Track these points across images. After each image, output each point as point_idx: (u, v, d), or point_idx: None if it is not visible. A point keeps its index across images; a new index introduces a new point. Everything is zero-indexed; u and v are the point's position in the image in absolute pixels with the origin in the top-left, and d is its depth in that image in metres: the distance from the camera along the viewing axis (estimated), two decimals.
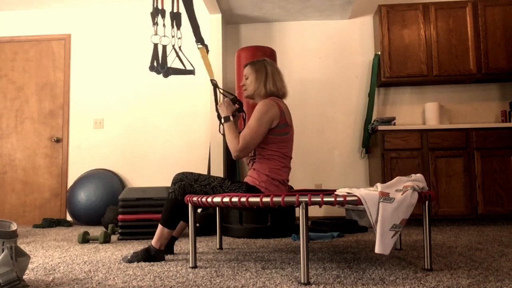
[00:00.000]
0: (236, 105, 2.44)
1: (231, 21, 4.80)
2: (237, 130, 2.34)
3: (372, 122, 4.36)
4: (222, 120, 2.35)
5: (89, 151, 4.88)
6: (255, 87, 2.39)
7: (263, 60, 2.46)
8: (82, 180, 4.59)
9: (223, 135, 2.44)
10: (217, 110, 2.43)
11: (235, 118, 2.43)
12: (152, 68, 2.61)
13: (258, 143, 2.25)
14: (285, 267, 2.09)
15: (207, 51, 2.66)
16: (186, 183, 2.28)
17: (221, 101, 2.45)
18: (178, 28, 2.72)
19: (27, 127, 4.97)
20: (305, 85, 4.71)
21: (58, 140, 4.91)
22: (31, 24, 5.07)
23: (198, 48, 2.61)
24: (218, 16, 4.54)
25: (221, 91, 2.60)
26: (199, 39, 2.61)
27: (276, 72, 2.42)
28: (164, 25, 2.66)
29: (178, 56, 2.71)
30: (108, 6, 5.01)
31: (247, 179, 2.32)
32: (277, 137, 2.28)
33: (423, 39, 4.28)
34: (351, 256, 2.40)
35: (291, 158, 2.37)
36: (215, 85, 2.60)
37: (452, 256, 2.34)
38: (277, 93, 2.40)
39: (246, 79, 2.45)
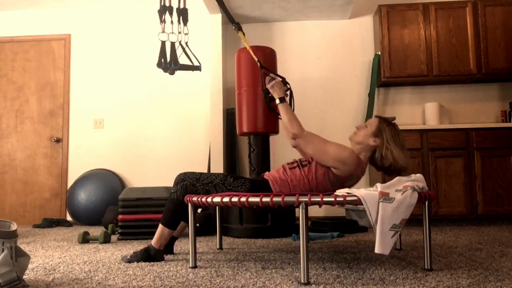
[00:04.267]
0: (287, 85, 2.39)
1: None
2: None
3: None
4: (277, 101, 2.28)
5: (89, 151, 4.88)
6: (374, 146, 2.19)
7: (395, 124, 2.25)
8: (82, 180, 4.59)
9: (275, 114, 2.38)
10: (264, 91, 2.38)
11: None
12: (160, 64, 2.60)
13: (311, 154, 2.18)
14: (285, 267, 2.09)
15: (241, 31, 2.63)
16: (188, 182, 2.27)
17: (268, 82, 2.36)
18: (185, 24, 2.71)
19: (27, 127, 4.97)
20: (305, 85, 4.71)
21: (58, 140, 4.91)
22: (31, 24, 5.07)
23: (239, 35, 2.57)
24: (218, 16, 4.54)
25: (269, 73, 2.52)
26: (234, 22, 2.55)
27: (404, 144, 2.20)
28: (172, 22, 2.65)
29: (185, 52, 2.70)
30: (108, 6, 5.01)
31: (268, 175, 2.30)
32: (326, 179, 2.20)
33: (423, 39, 4.27)
34: (351, 256, 2.40)
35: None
36: (265, 68, 2.50)
37: (452, 256, 2.34)
38: (396, 169, 2.16)
39: (366, 127, 2.25)
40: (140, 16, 4.97)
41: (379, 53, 4.33)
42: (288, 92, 2.41)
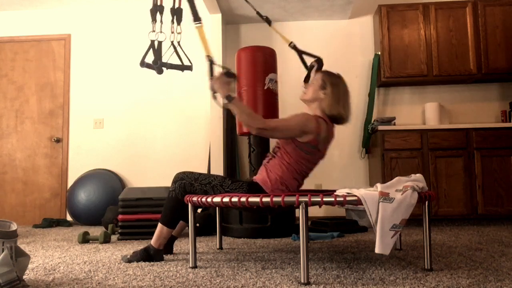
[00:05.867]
0: (233, 77, 2.24)
1: (231, 21, 4.80)
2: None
3: (372, 122, 4.36)
4: (224, 101, 2.16)
5: (89, 151, 4.87)
6: (323, 99, 2.25)
7: (340, 76, 2.33)
8: (82, 180, 4.59)
9: (224, 108, 2.27)
10: (211, 88, 2.24)
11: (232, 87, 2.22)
12: (142, 64, 2.58)
13: (281, 137, 2.22)
14: (285, 267, 2.09)
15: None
16: (187, 182, 2.28)
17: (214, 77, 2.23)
18: (179, 24, 2.71)
19: (27, 127, 4.97)
20: None
21: (58, 140, 4.90)
22: (31, 24, 5.07)
23: (196, 27, 2.43)
24: (218, 16, 4.54)
25: (219, 65, 2.37)
26: (196, 17, 2.45)
27: (348, 95, 2.30)
28: (161, 21, 2.64)
29: (176, 51, 2.70)
30: (108, 5, 5.01)
31: (257, 178, 2.31)
32: (300, 152, 2.22)
33: (423, 39, 4.27)
34: (351, 256, 2.40)
35: (306, 176, 2.33)
36: (211, 61, 2.34)
37: (452, 256, 2.34)
38: (341, 118, 2.26)
39: (312, 83, 2.32)
40: (140, 16, 4.97)
41: (379, 53, 4.33)
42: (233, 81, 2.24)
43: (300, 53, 2.57)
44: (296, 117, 2.19)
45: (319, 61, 2.47)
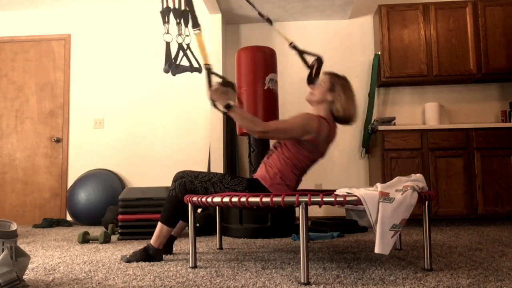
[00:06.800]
0: (231, 85, 2.29)
1: (231, 21, 4.80)
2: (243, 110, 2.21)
3: (372, 122, 4.36)
4: (223, 109, 2.21)
5: (89, 151, 4.88)
6: (333, 102, 2.27)
7: (347, 78, 2.35)
8: (82, 180, 4.59)
9: (224, 114, 2.28)
10: (211, 99, 2.29)
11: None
12: (170, 66, 2.57)
13: (284, 138, 2.25)
14: (285, 267, 2.09)
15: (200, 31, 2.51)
16: (187, 180, 2.28)
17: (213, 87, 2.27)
18: (186, 26, 2.71)
19: (27, 127, 4.97)
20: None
21: (58, 140, 4.90)
22: (31, 24, 5.07)
23: (195, 34, 2.47)
24: (218, 16, 4.54)
25: (217, 75, 2.41)
26: (195, 24, 2.50)
27: (355, 96, 2.32)
28: (178, 23, 2.63)
29: (185, 54, 2.69)
30: (109, 5, 5.01)
31: (257, 174, 2.33)
32: (300, 148, 2.25)
33: (423, 39, 4.27)
34: (351, 256, 2.40)
35: (304, 173, 2.35)
36: (208, 70, 2.37)
37: (452, 256, 2.34)
38: (352, 118, 2.30)
39: (320, 85, 2.34)
40: (140, 16, 4.97)
41: (379, 53, 4.33)
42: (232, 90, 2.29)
43: (301, 53, 2.60)
44: (297, 118, 2.22)
45: (318, 60, 2.51)
